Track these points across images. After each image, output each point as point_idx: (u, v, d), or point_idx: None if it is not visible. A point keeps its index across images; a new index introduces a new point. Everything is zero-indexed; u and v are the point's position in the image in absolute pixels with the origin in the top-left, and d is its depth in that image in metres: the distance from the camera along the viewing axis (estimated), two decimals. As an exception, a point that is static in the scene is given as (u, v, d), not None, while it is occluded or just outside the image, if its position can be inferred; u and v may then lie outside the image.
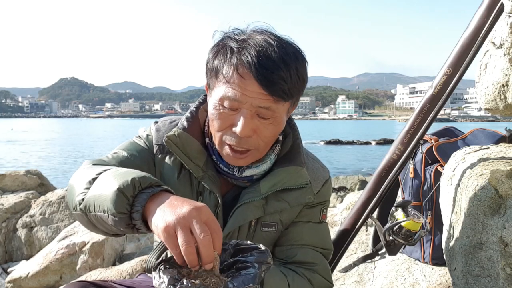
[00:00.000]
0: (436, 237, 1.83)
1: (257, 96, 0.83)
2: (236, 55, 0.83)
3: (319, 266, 1.00)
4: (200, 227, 0.64)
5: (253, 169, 0.95)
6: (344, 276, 1.94)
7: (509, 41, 1.12)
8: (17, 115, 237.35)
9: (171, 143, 0.92)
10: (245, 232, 0.96)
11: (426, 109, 1.20)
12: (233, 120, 0.86)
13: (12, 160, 19.58)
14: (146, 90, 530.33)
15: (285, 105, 0.88)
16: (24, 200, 4.03)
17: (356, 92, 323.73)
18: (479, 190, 1.07)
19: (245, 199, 0.93)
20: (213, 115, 0.88)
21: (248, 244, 0.71)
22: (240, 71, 0.82)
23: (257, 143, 0.89)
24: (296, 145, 1.01)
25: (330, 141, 31.12)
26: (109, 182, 0.72)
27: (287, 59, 0.84)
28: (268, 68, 0.81)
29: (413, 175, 1.85)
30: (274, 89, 0.82)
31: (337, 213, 2.95)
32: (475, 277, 1.07)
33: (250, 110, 0.84)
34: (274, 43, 0.84)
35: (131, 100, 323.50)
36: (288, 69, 0.83)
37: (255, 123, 0.86)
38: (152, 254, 1.11)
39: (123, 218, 0.69)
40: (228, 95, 0.83)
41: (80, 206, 0.76)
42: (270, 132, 0.89)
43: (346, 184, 8.49)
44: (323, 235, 1.04)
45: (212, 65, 0.88)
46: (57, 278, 2.83)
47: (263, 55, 0.82)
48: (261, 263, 0.67)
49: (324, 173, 1.05)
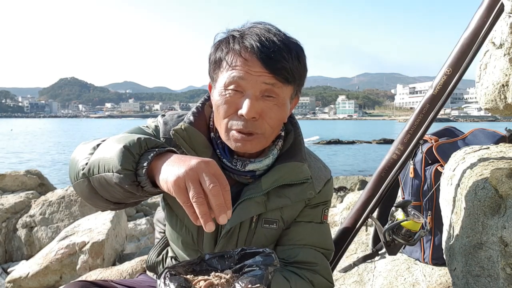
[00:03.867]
0: (436, 237, 1.83)
1: (261, 74, 0.85)
2: (239, 40, 0.87)
3: (320, 266, 1.00)
4: (209, 178, 0.65)
5: (256, 164, 0.95)
6: (344, 276, 1.94)
7: (509, 41, 1.12)
8: (17, 115, 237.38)
9: (178, 136, 0.93)
10: (246, 228, 0.96)
11: (426, 109, 1.20)
12: (238, 104, 0.87)
13: (12, 160, 19.58)
14: (146, 90, 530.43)
15: (288, 89, 0.90)
16: (24, 200, 4.03)
17: (356, 92, 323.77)
18: (479, 190, 1.07)
19: (247, 195, 0.94)
20: (219, 101, 0.89)
21: (253, 249, 0.71)
22: (244, 54, 0.85)
23: (263, 127, 0.89)
24: (298, 142, 1.02)
25: (330, 141, 31.11)
26: (114, 144, 0.74)
27: (288, 43, 0.88)
28: (270, 48, 0.85)
29: (413, 175, 1.85)
30: (277, 67, 0.85)
31: (337, 213, 2.95)
32: (475, 277, 1.07)
33: (254, 91, 0.86)
34: (275, 30, 0.89)
35: (131, 100, 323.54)
36: (289, 51, 0.87)
37: (260, 105, 0.87)
38: (152, 251, 1.11)
39: (129, 175, 0.70)
40: (233, 75, 0.86)
41: (83, 170, 0.77)
42: (275, 115, 0.89)
43: (346, 184, 8.48)
44: (325, 235, 1.04)
45: (215, 57, 0.91)
46: (57, 278, 2.82)
47: (265, 38, 0.86)
48: (267, 265, 0.66)
49: (326, 173, 1.05)
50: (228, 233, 0.94)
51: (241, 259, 0.71)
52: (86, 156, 0.78)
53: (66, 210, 3.81)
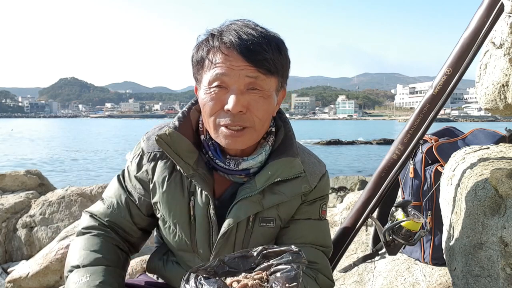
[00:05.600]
0: (436, 237, 1.83)
1: (243, 68, 0.86)
2: (218, 38, 0.88)
3: (321, 265, 1.00)
4: None
5: (249, 161, 0.95)
6: (344, 276, 1.94)
7: (509, 41, 1.12)
8: (17, 115, 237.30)
9: (162, 141, 0.94)
10: (243, 229, 0.96)
11: (426, 109, 1.20)
12: (224, 100, 0.88)
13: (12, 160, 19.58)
14: (146, 90, 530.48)
15: (272, 80, 0.90)
16: (24, 200, 4.03)
17: (356, 92, 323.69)
18: (479, 190, 1.07)
19: (242, 195, 0.94)
20: (204, 100, 0.90)
21: (276, 248, 0.70)
22: (224, 50, 0.87)
23: (251, 120, 0.90)
24: (289, 137, 1.01)
25: (330, 141, 31.09)
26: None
27: (266, 35, 0.89)
28: (248, 41, 0.86)
29: (413, 175, 1.85)
30: (258, 59, 0.86)
31: (337, 213, 2.95)
32: (475, 277, 1.07)
33: (238, 85, 0.87)
34: (253, 25, 0.90)
35: (131, 100, 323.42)
36: (268, 42, 0.88)
37: (245, 98, 0.88)
38: (154, 254, 1.11)
39: None
40: (216, 73, 0.87)
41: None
42: (262, 106, 0.90)
43: (346, 184, 8.48)
44: (324, 232, 1.04)
45: (197, 58, 0.92)
46: (57, 278, 2.82)
47: (243, 33, 0.87)
48: (297, 263, 0.65)
49: (321, 168, 1.05)
50: (225, 234, 0.94)
51: (264, 258, 0.70)
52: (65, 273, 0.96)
53: (66, 210, 3.81)
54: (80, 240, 1.00)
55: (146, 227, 1.07)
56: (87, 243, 0.98)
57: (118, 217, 1.02)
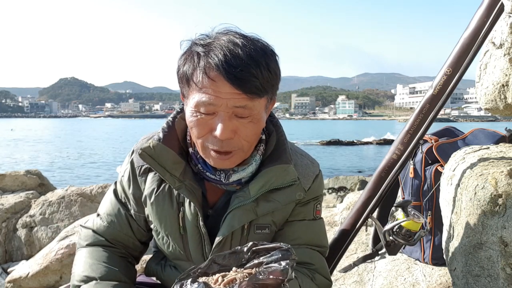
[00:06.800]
0: (436, 237, 1.83)
1: (231, 96, 0.82)
2: (203, 59, 0.82)
3: (318, 265, 1.00)
4: None
5: (239, 173, 0.94)
6: (344, 276, 1.94)
7: (509, 41, 1.12)
8: (17, 115, 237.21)
9: (145, 155, 0.92)
10: (238, 237, 0.95)
11: (426, 109, 1.20)
12: (211, 125, 0.85)
13: (12, 160, 19.57)
14: (146, 90, 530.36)
15: (261, 101, 0.86)
16: (24, 200, 4.03)
17: (356, 92, 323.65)
18: (479, 190, 1.07)
19: (235, 204, 0.92)
20: (191, 123, 0.87)
21: (266, 244, 0.70)
22: (210, 74, 0.81)
23: (240, 144, 0.88)
24: (281, 143, 0.99)
25: (330, 141, 31.07)
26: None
27: (254, 55, 0.82)
28: (237, 66, 0.80)
29: (413, 175, 1.85)
30: (247, 87, 0.81)
31: (337, 213, 2.95)
32: (475, 277, 1.07)
33: (226, 112, 0.83)
34: (239, 42, 0.83)
35: (131, 100, 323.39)
36: (257, 65, 0.82)
37: (234, 124, 0.85)
38: (151, 259, 1.12)
39: None
40: (203, 100, 0.83)
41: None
42: (251, 131, 0.88)
43: (346, 184, 8.48)
44: (319, 232, 1.03)
45: (182, 73, 0.87)
46: (57, 278, 2.82)
47: (230, 54, 0.81)
48: (287, 260, 0.65)
49: (314, 168, 1.03)
50: (220, 243, 0.93)
51: (253, 255, 0.69)
52: (78, 278, 0.97)
53: (66, 210, 3.81)
54: (94, 252, 1.00)
55: (147, 241, 1.09)
56: (102, 256, 0.99)
57: (121, 234, 1.03)
